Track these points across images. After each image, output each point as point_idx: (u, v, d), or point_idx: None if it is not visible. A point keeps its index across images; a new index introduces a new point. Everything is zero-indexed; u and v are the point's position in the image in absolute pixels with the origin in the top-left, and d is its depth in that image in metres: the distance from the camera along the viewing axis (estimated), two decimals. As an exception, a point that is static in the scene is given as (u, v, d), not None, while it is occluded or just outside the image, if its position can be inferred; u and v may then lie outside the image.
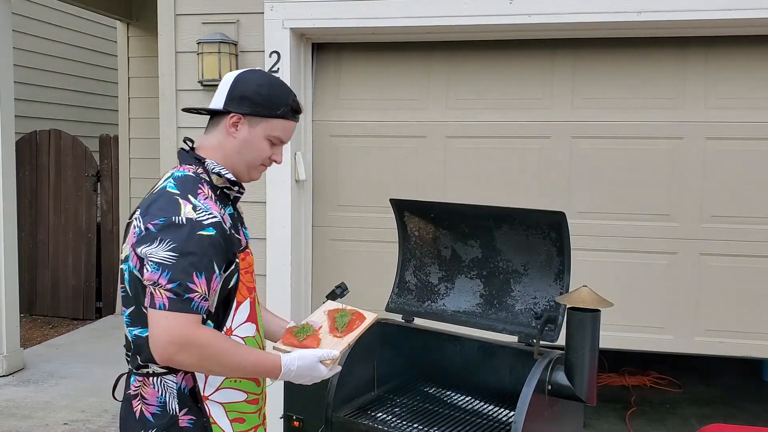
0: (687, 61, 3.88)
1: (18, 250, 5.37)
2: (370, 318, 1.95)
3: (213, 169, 1.79)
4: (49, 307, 7.07)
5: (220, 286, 1.71)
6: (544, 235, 2.29)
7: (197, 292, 1.61)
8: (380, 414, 2.33)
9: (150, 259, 1.61)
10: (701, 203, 3.85)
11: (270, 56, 3.97)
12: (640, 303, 3.90)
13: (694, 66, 3.87)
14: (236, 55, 4.00)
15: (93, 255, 7.00)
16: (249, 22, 4.01)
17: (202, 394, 1.75)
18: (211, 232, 1.65)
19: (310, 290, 4.21)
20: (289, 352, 1.80)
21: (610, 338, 3.57)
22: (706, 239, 3.85)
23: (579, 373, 2.05)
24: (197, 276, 1.61)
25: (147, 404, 1.75)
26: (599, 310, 2.03)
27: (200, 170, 1.79)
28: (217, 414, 1.76)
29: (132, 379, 1.79)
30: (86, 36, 8.59)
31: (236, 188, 1.84)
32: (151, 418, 1.75)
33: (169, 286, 1.58)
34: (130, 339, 1.77)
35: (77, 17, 8.31)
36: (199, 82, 4.03)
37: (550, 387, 2.09)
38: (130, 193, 6.92)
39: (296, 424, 2.48)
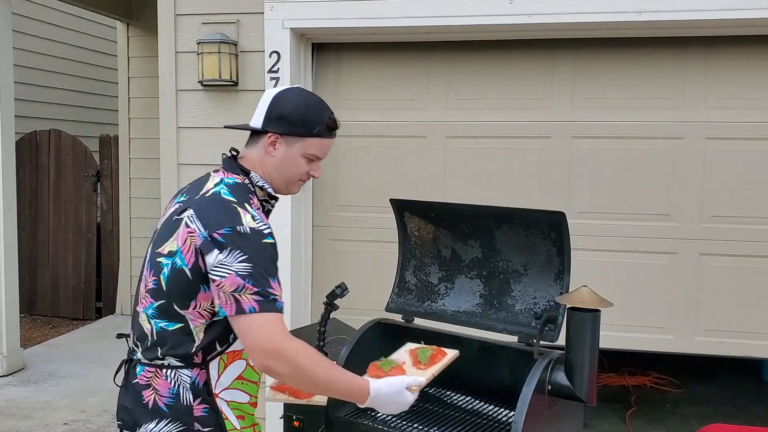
0: (687, 61, 3.88)
1: (18, 250, 5.37)
2: (451, 354, 2.11)
3: (257, 182, 1.87)
4: (49, 307, 7.07)
5: None
6: (544, 235, 2.29)
7: (277, 294, 1.70)
8: (380, 414, 2.33)
9: (226, 268, 1.66)
10: (701, 203, 3.85)
11: (270, 56, 3.97)
12: (640, 303, 3.90)
13: (694, 66, 3.87)
14: (236, 55, 4.00)
15: (93, 255, 7.01)
16: (249, 22, 4.01)
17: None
18: (271, 240, 1.73)
19: (310, 290, 4.21)
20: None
21: (610, 338, 3.57)
22: (706, 239, 3.85)
23: (579, 373, 2.05)
24: (272, 281, 1.70)
25: (160, 395, 1.78)
26: (599, 310, 2.03)
27: (247, 181, 1.86)
28: (224, 409, 1.85)
29: (139, 369, 1.81)
30: (86, 36, 8.60)
31: (273, 201, 1.93)
32: (164, 408, 1.77)
33: (255, 289, 1.66)
34: (150, 330, 1.79)
35: (77, 17, 8.31)
36: (199, 82, 4.03)
37: (550, 387, 2.09)
38: (130, 193, 6.92)
39: (296, 424, 2.48)
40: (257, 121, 1.88)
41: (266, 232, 1.72)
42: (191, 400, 1.78)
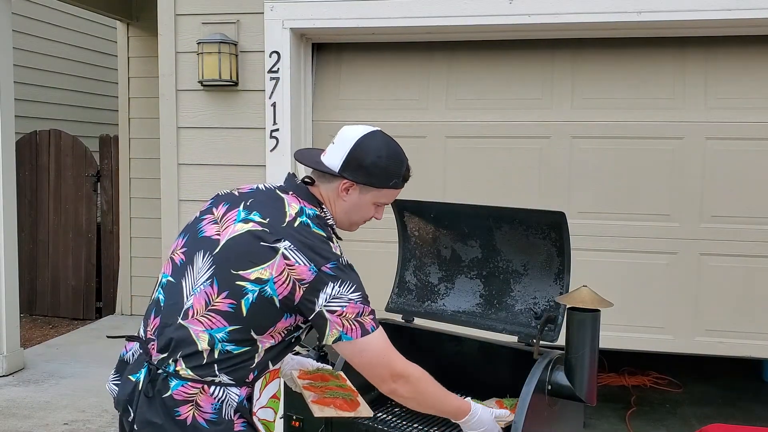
0: (687, 61, 3.88)
1: (18, 250, 5.37)
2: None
3: (327, 218, 1.89)
4: (49, 307, 7.07)
5: None
6: (544, 235, 2.29)
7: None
8: (380, 414, 2.33)
9: (344, 297, 1.74)
10: (701, 203, 3.85)
11: (270, 56, 3.97)
12: (640, 303, 3.90)
13: (694, 66, 3.87)
14: (236, 56, 4.00)
15: (93, 255, 7.00)
16: (249, 22, 4.01)
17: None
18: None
19: (310, 290, 4.20)
20: None
21: (610, 338, 3.57)
22: (706, 239, 3.85)
23: (579, 373, 2.05)
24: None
25: (201, 411, 1.73)
26: (599, 310, 2.03)
27: (322, 213, 1.88)
28: (259, 426, 1.86)
29: (176, 384, 1.73)
30: (86, 36, 8.59)
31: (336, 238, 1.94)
32: (205, 424, 1.73)
33: (368, 311, 1.78)
34: (210, 352, 1.72)
35: (77, 17, 8.30)
36: (199, 82, 4.03)
37: (550, 387, 2.09)
38: (130, 193, 6.92)
39: (296, 424, 2.47)
40: (333, 162, 1.86)
41: (350, 263, 1.81)
42: (232, 416, 1.75)
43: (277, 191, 1.87)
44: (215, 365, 1.73)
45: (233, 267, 1.73)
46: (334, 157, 1.86)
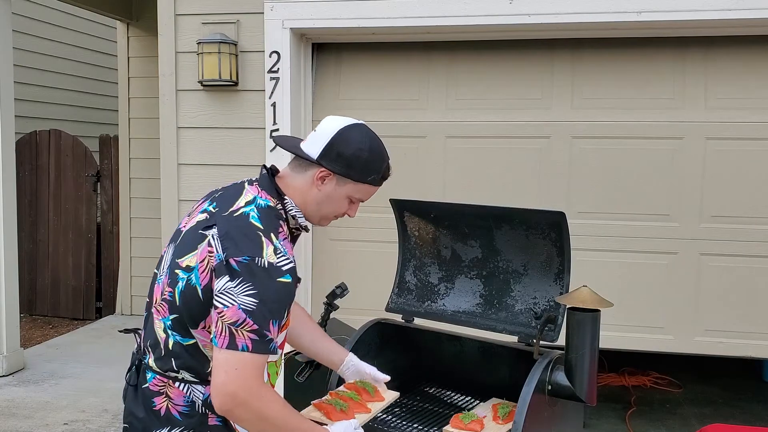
0: (686, 61, 3.89)
1: (18, 250, 5.37)
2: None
3: (290, 210, 1.78)
4: (49, 307, 7.07)
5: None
6: (544, 235, 2.29)
7: (273, 336, 1.63)
8: (380, 414, 2.33)
9: (231, 297, 1.60)
10: (701, 203, 3.85)
11: (270, 56, 3.97)
12: (640, 303, 3.90)
13: (694, 66, 3.87)
14: (236, 56, 4.00)
15: (93, 255, 7.00)
16: (249, 22, 4.01)
17: None
18: (288, 279, 1.65)
19: (310, 290, 4.21)
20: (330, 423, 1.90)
21: (610, 338, 3.57)
22: (706, 239, 3.85)
23: (579, 373, 2.05)
24: (273, 324, 1.62)
25: (174, 403, 1.74)
26: (599, 310, 2.03)
27: (280, 206, 1.77)
28: (238, 427, 1.81)
29: (150, 376, 1.76)
30: (86, 36, 8.59)
31: (302, 231, 1.86)
32: (178, 416, 1.74)
33: (254, 328, 1.59)
34: (165, 340, 1.73)
35: (77, 17, 8.30)
36: (199, 82, 4.03)
37: (550, 387, 2.09)
38: (130, 193, 6.91)
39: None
40: (312, 149, 1.78)
41: (285, 269, 1.64)
42: (205, 410, 1.74)
43: (246, 183, 1.83)
44: (172, 359, 1.73)
45: (176, 255, 1.74)
46: (314, 144, 1.78)
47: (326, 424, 1.89)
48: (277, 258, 1.64)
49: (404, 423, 2.32)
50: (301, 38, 4.08)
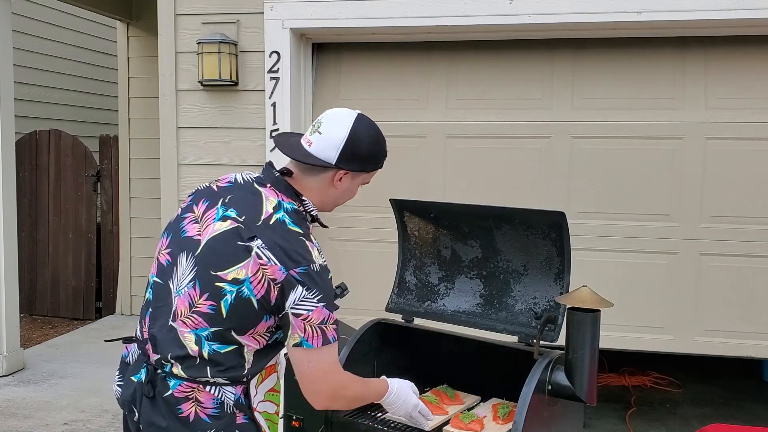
0: (686, 61, 3.88)
1: (18, 250, 5.37)
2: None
3: (311, 210, 1.86)
4: (49, 307, 7.07)
5: None
6: (544, 235, 2.29)
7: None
8: (380, 414, 2.33)
9: (310, 302, 1.70)
10: (701, 203, 3.85)
11: (270, 56, 3.97)
12: (640, 303, 3.90)
13: (694, 66, 3.87)
14: (236, 55, 4.00)
15: (93, 255, 7.00)
16: (249, 22, 4.01)
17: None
18: (331, 274, 1.78)
19: (310, 290, 4.20)
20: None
21: (610, 338, 3.57)
22: (706, 239, 3.85)
23: (579, 373, 2.05)
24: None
25: (203, 407, 1.75)
26: (599, 310, 2.03)
27: (300, 207, 1.84)
28: (260, 420, 1.87)
29: (174, 383, 1.74)
30: (86, 36, 8.59)
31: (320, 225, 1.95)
32: (207, 419, 1.75)
33: (334, 319, 1.75)
34: (199, 353, 1.73)
35: (77, 17, 8.30)
36: (199, 82, 4.03)
37: (550, 387, 2.09)
38: (130, 193, 6.91)
39: (296, 424, 2.48)
40: (327, 154, 1.81)
41: (327, 266, 1.77)
42: (234, 409, 1.78)
43: (255, 184, 1.83)
44: (207, 367, 1.73)
45: (212, 268, 1.72)
46: (326, 148, 1.81)
47: (407, 425, 2.18)
48: (321, 258, 1.76)
49: (404, 423, 2.32)
50: (301, 38, 4.08)
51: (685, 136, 3.86)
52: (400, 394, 2.04)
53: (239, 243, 1.71)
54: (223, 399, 1.76)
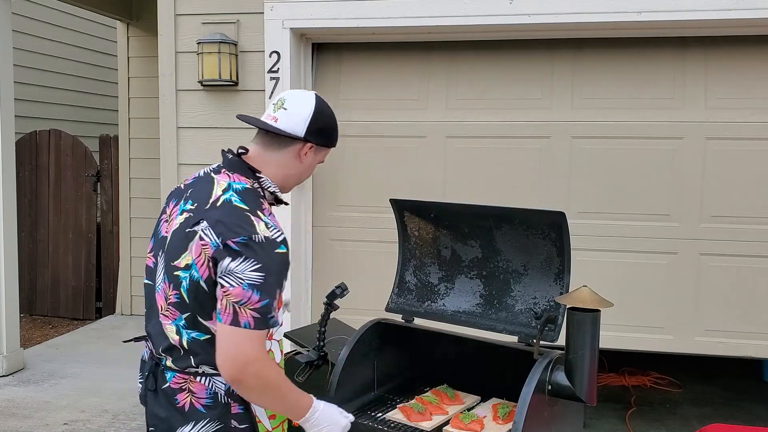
0: (686, 61, 3.89)
1: (18, 250, 5.36)
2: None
3: (268, 186, 1.85)
4: (49, 307, 7.07)
5: None
6: (544, 235, 2.29)
7: (275, 313, 1.72)
8: (380, 414, 2.33)
9: (237, 276, 1.66)
10: (701, 203, 3.85)
11: (270, 56, 3.97)
12: (640, 303, 3.90)
13: (694, 66, 3.87)
14: (236, 55, 4.00)
15: (93, 255, 7.00)
16: (249, 22, 4.01)
17: None
18: (284, 249, 1.72)
19: (310, 290, 4.21)
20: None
21: (610, 338, 3.57)
22: (706, 239, 3.85)
23: (579, 373, 2.05)
24: (278, 292, 1.72)
25: (197, 397, 1.78)
26: (599, 310, 2.03)
27: (256, 184, 1.83)
28: (257, 411, 1.87)
29: (170, 375, 1.80)
30: (86, 36, 8.59)
31: (279, 205, 1.93)
32: (202, 410, 1.78)
33: (259, 305, 1.67)
34: (179, 341, 1.78)
35: (77, 17, 8.30)
36: (199, 82, 4.03)
37: (550, 387, 2.09)
38: (130, 193, 6.91)
39: (296, 424, 2.48)
40: (295, 127, 1.84)
41: (279, 240, 1.71)
42: (228, 399, 1.80)
43: (212, 173, 1.86)
44: (190, 357, 1.78)
45: (171, 259, 1.79)
46: (294, 123, 1.85)
47: (407, 425, 2.17)
48: (270, 231, 1.70)
49: (404, 422, 2.32)
50: (301, 38, 4.08)
51: (685, 136, 3.86)
52: (326, 415, 1.86)
53: (187, 230, 1.76)
54: (214, 389, 1.79)
